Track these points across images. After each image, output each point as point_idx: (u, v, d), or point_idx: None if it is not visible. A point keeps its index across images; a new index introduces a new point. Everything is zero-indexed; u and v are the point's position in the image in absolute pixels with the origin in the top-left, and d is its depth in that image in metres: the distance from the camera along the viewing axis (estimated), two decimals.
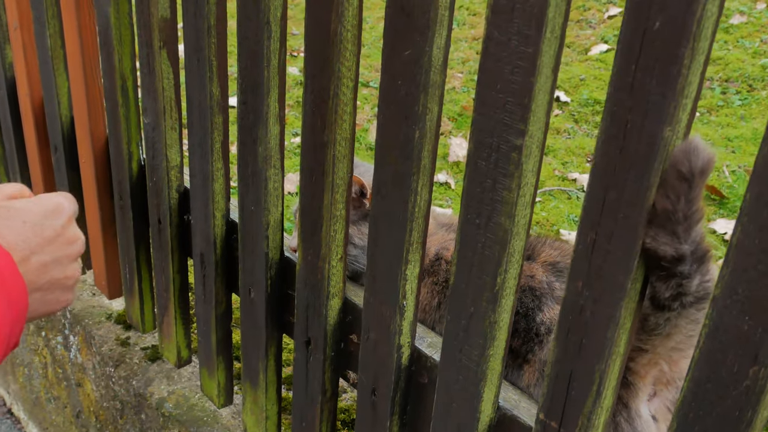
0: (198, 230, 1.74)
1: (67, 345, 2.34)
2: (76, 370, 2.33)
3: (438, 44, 1.13)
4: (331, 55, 1.28)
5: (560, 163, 3.67)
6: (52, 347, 2.45)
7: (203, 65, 1.55)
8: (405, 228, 1.27)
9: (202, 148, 1.63)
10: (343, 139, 1.34)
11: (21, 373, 2.76)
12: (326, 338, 1.52)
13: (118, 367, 2.08)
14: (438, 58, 1.14)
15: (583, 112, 4.18)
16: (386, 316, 1.36)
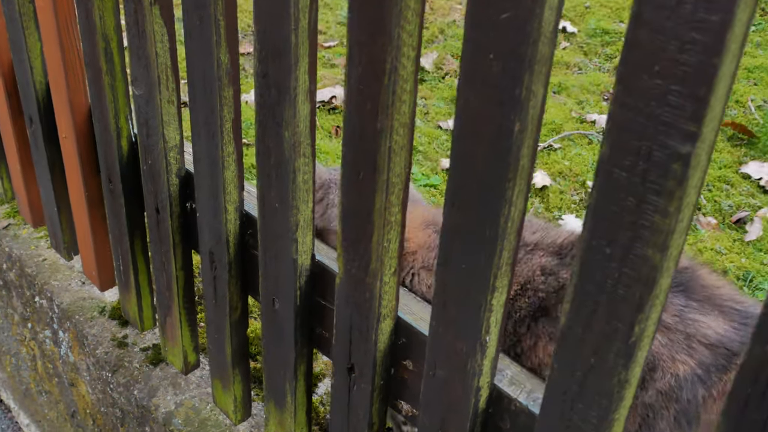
0: (206, 225, 1.42)
1: (57, 341, 2.03)
2: (68, 369, 2.02)
3: (551, 2, 0.80)
4: (388, 15, 0.94)
5: (576, 102, 3.35)
6: (40, 341, 2.14)
7: (207, 26, 1.21)
8: (493, 248, 0.96)
9: (209, 127, 1.30)
10: (402, 126, 1.01)
11: (8, 362, 2.46)
12: (375, 366, 1.22)
13: (117, 373, 1.77)
14: (549, 22, 0.82)
15: (591, 43, 3.84)
16: (462, 353, 1.06)
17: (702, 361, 1.20)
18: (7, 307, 2.27)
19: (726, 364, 1.18)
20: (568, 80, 3.49)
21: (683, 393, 1.20)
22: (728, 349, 1.19)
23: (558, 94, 3.41)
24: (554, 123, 3.18)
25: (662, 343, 1.23)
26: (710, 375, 1.18)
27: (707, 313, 1.24)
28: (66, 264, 2.05)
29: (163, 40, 1.35)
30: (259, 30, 1.11)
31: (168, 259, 1.57)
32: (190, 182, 1.50)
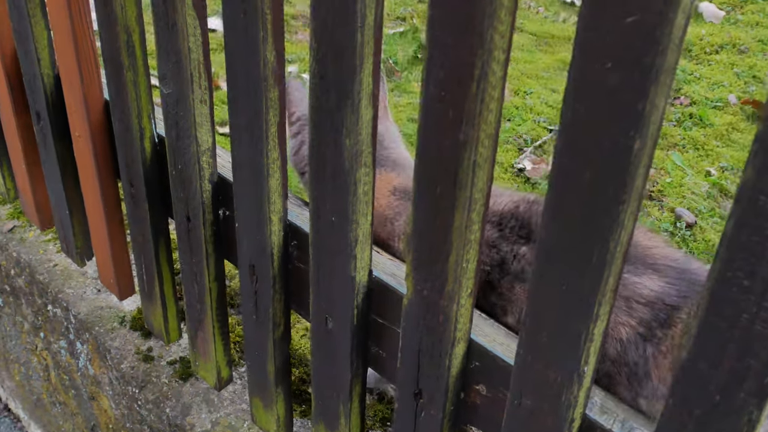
0: (246, 236, 1.29)
1: (74, 352, 1.91)
2: (87, 382, 1.90)
3: (684, 5, 0.68)
4: (480, 13, 0.82)
5: None
6: (53, 351, 2.02)
7: (253, 20, 1.07)
8: (600, 273, 0.85)
9: (252, 132, 1.17)
10: (488, 137, 0.89)
11: (17, 371, 2.34)
12: (447, 392, 1.11)
13: (144, 389, 1.66)
14: (680, 28, 0.70)
15: None
16: (555, 383, 0.95)
17: (642, 319, 1.18)
18: (15, 314, 2.15)
19: (666, 318, 1.16)
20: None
21: (629, 356, 1.18)
22: (667, 304, 1.17)
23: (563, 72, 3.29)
24: None
25: None
26: (653, 331, 1.17)
27: (641, 273, 1.22)
28: (78, 270, 1.92)
29: (196, 34, 1.22)
30: (318, 26, 0.99)
31: (200, 270, 1.45)
32: (223, 188, 1.37)
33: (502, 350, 1.07)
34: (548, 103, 3.04)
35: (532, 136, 2.82)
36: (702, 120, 2.95)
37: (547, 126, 2.91)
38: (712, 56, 3.41)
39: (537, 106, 3.02)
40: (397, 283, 1.17)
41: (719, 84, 3.22)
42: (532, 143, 2.80)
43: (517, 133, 2.83)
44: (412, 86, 3.09)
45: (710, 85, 3.21)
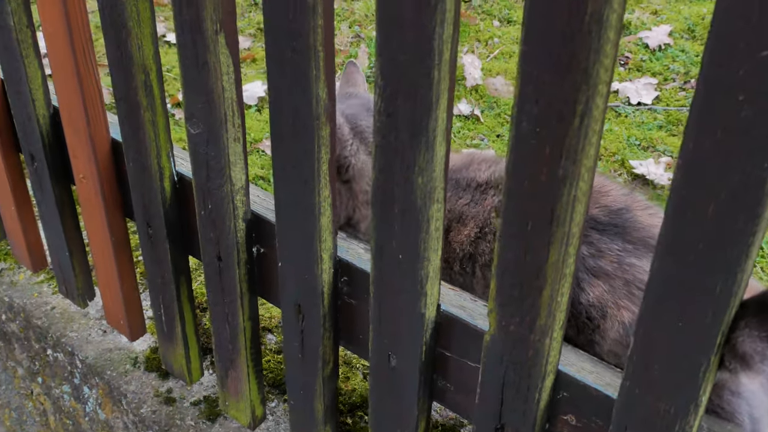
0: (292, 275, 1.24)
1: (80, 397, 1.83)
2: (98, 427, 1.83)
3: None
4: (585, 49, 0.78)
5: None
6: (54, 396, 1.93)
7: (304, 58, 1.02)
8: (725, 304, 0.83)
9: (300, 171, 1.12)
10: (587, 171, 0.86)
11: (7, 416, 2.24)
12: (533, 426, 1.08)
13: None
14: None
15: None
16: (667, 414, 0.94)
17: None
18: (6, 360, 2.05)
19: None
20: None
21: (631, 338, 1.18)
22: None
23: None
24: None
25: (606, 290, 1.23)
26: None
27: (642, 256, 1.23)
28: (79, 311, 1.84)
29: (229, 73, 1.15)
30: (386, 63, 0.94)
31: (233, 310, 1.39)
32: (257, 226, 1.32)
33: (593, 379, 1.05)
34: None
35: None
36: None
37: None
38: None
39: None
40: (467, 316, 1.13)
41: None
42: None
43: None
44: None
45: None
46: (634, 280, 1.22)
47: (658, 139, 2.64)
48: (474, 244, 1.36)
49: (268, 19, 1.03)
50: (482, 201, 1.38)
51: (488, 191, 1.39)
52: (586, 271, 1.24)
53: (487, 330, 1.05)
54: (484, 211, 1.37)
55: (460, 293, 1.19)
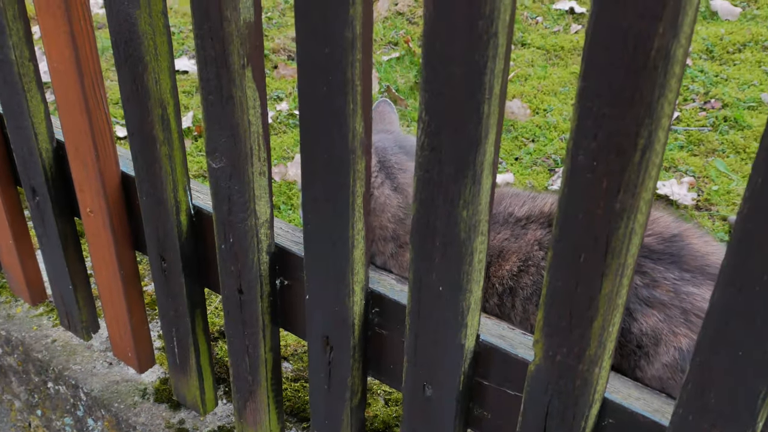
0: (320, 308, 1.23)
1: (83, 429, 1.80)
2: None
3: None
4: (649, 84, 0.78)
5: None
6: (55, 429, 1.89)
7: (340, 93, 1.01)
8: None
9: (334, 204, 1.11)
10: (645, 204, 0.86)
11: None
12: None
13: None
14: None
15: None
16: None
17: None
18: (2, 393, 2.00)
19: None
20: None
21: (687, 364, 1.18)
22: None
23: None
24: None
25: (660, 320, 1.25)
26: None
27: (700, 284, 1.25)
28: (82, 344, 1.80)
29: (256, 107, 1.14)
30: (431, 98, 0.93)
31: (254, 342, 1.37)
32: (280, 258, 1.30)
33: (640, 405, 1.05)
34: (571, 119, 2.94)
35: (561, 156, 2.70)
36: (738, 122, 2.82)
37: None
38: (736, 55, 3.27)
39: (560, 123, 2.88)
40: (507, 345, 1.13)
41: (749, 84, 3.08)
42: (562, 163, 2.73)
43: (545, 153, 2.72)
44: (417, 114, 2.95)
45: (740, 85, 3.07)
46: (693, 308, 1.23)
47: (680, 159, 2.63)
48: (516, 278, 1.36)
49: (303, 53, 1.02)
50: (523, 235, 1.38)
51: (529, 226, 1.39)
52: (639, 301, 1.24)
53: (532, 360, 1.05)
54: (526, 244, 1.37)
55: (498, 322, 1.19)
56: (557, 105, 3.01)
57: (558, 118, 2.94)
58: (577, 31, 3.53)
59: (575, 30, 3.53)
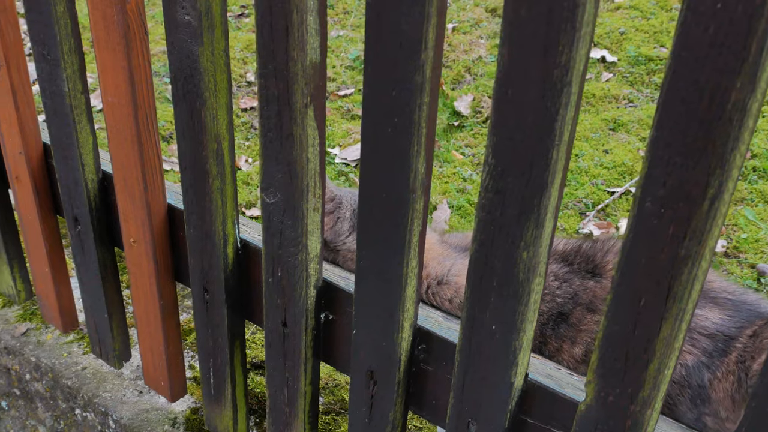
0: (367, 343, 1.25)
1: None
2: None
3: None
4: (723, 136, 0.81)
5: (638, 139, 3.09)
6: None
7: (405, 135, 1.04)
8: None
9: (390, 242, 1.13)
10: (710, 251, 0.89)
11: None
12: None
13: None
14: None
15: (636, 72, 3.56)
16: None
17: (705, 349, 1.29)
18: (26, 418, 2.01)
19: (725, 348, 1.29)
20: (623, 115, 3.25)
21: (692, 379, 1.29)
22: (726, 335, 1.29)
23: (616, 131, 3.16)
24: (624, 165, 2.98)
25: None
26: (713, 360, 1.28)
27: (703, 306, 1.33)
28: (112, 372, 1.81)
29: (315, 145, 1.16)
30: (501, 142, 0.96)
31: (295, 375, 1.39)
32: (327, 293, 1.32)
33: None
34: (603, 165, 2.96)
35: (592, 200, 2.75)
36: (766, 172, 2.87)
37: (605, 188, 2.85)
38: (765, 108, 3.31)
39: (591, 168, 2.94)
40: (555, 384, 1.15)
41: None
42: (594, 207, 2.75)
43: (576, 197, 2.77)
44: (451, 155, 3.01)
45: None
46: (696, 327, 1.31)
47: None
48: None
49: (369, 94, 1.05)
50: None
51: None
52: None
53: (583, 399, 1.07)
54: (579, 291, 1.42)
55: (544, 361, 1.21)
56: (588, 150, 3.06)
57: (589, 163, 2.99)
58: (608, 80, 3.58)
59: (606, 78, 3.59)
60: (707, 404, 1.29)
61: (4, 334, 1.94)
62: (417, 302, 1.20)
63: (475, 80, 3.63)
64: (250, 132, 3.27)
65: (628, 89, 3.51)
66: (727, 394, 1.26)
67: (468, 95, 3.45)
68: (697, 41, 0.77)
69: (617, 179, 2.92)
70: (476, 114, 3.35)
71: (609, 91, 3.47)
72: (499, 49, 0.91)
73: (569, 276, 1.44)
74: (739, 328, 1.30)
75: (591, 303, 1.40)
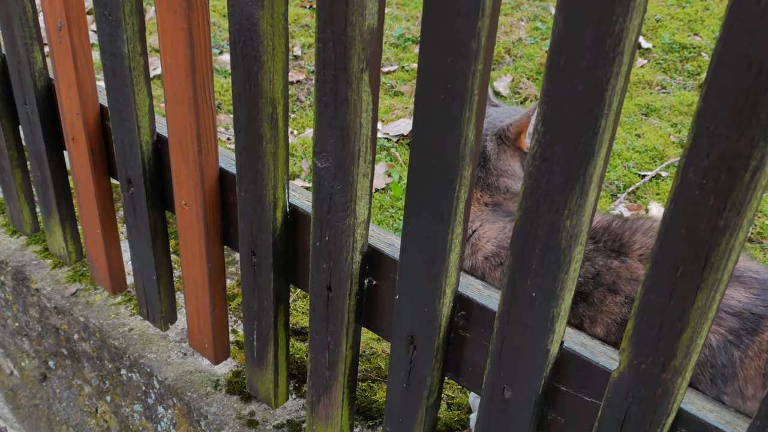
0: (410, 307, 1.29)
1: (152, 417, 1.86)
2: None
3: None
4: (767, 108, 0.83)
5: (670, 125, 3.17)
6: (123, 415, 1.96)
7: (458, 101, 1.07)
8: None
9: (436, 208, 1.17)
10: (748, 222, 0.92)
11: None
12: None
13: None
14: None
15: (670, 59, 3.64)
16: None
17: (731, 328, 1.29)
18: (73, 378, 2.08)
19: (755, 327, 1.29)
20: (656, 101, 3.32)
21: (717, 359, 1.29)
22: (753, 314, 1.29)
23: (648, 116, 3.24)
24: (656, 149, 3.05)
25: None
26: (742, 339, 1.28)
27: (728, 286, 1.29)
28: (158, 333, 1.87)
29: (368, 110, 1.21)
30: (551, 110, 0.99)
31: (337, 338, 1.43)
32: (371, 258, 1.36)
33: (714, 417, 1.10)
34: (635, 148, 3.03)
35: (623, 182, 2.83)
36: None
37: (636, 171, 2.91)
38: None
39: (624, 152, 3.01)
40: (588, 353, 1.18)
41: None
42: (625, 189, 2.82)
43: (608, 179, 2.84)
44: None
45: None
46: (722, 306, 1.32)
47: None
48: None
49: (424, 61, 1.09)
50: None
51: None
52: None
53: (616, 367, 1.10)
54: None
55: (578, 332, 1.24)
56: (621, 134, 3.14)
57: (622, 146, 3.07)
58: (642, 66, 3.65)
59: (641, 64, 3.66)
60: (730, 383, 1.31)
61: (55, 294, 2.00)
62: (459, 269, 1.24)
63: (515, 61, 3.70)
64: (296, 105, 3.35)
65: (661, 76, 3.59)
66: (759, 371, 1.28)
67: (507, 76, 3.52)
68: (748, 13, 0.80)
69: (648, 163, 2.99)
70: (515, 95, 3.43)
71: (643, 76, 3.55)
72: (555, 17, 0.94)
73: (593, 254, 1.45)
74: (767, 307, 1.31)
75: (614, 284, 1.41)
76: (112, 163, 1.77)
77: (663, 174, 2.90)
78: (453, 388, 1.77)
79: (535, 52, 3.77)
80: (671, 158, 2.98)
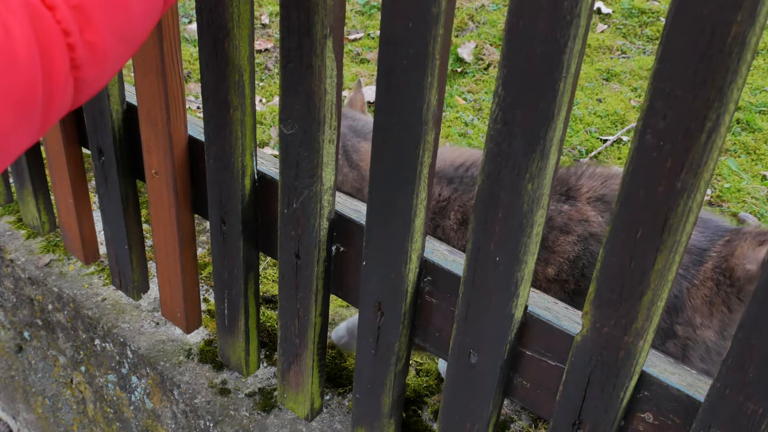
0: (376, 274, 1.29)
1: (126, 386, 1.86)
2: (143, 416, 1.86)
3: None
4: (722, 69, 0.85)
5: (630, 89, 3.21)
6: (97, 385, 1.96)
7: (420, 65, 1.07)
8: None
9: (401, 173, 1.17)
10: (705, 184, 0.93)
11: (39, 404, 2.26)
12: (612, 423, 1.14)
13: (222, 423, 1.63)
14: None
15: (629, 24, 3.69)
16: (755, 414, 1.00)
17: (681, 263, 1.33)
18: (48, 348, 2.08)
19: (700, 259, 1.40)
20: (616, 66, 3.36)
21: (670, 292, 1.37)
22: (698, 248, 1.41)
23: (609, 81, 3.27)
24: (617, 114, 3.10)
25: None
26: (689, 270, 1.39)
27: None
28: (131, 303, 1.87)
29: (332, 76, 1.20)
30: (509, 74, 0.99)
31: (306, 305, 1.44)
32: (339, 225, 1.37)
33: (675, 380, 1.11)
34: (596, 113, 3.06)
35: (586, 147, 2.86)
36: (749, 125, 2.99)
37: (598, 136, 2.94)
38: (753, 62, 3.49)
39: (586, 116, 3.04)
40: (552, 317, 1.19)
41: (761, 89, 3.26)
42: (587, 154, 2.85)
43: (571, 144, 2.88)
44: (454, 100, 3.10)
45: (752, 90, 3.25)
46: None
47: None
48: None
49: (386, 27, 1.08)
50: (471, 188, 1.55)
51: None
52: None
53: (579, 331, 1.11)
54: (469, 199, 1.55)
55: (541, 295, 1.25)
56: (583, 99, 3.19)
57: (583, 111, 3.12)
58: (603, 31, 3.72)
59: (601, 29, 3.73)
60: (680, 313, 1.39)
61: (29, 265, 2.00)
62: (425, 234, 1.24)
63: (478, 28, 3.74)
64: (264, 73, 3.36)
65: (621, 41, 3.64)
66: (705, 300, 1.37)
67: (471, 42, 3.55)
68: None
69: (609, 128, 3.03)
70: (478, 61, 3.46)
71: (603, 42, 3.60)
72: None
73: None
74: (710, 240, 1.41)
75: (565, 225, 1.48)
76: (83, 132, 1.76)
77: (624, 138, 2.95)
78: (422, 354, 1.78)
79: (498, 18, 3.79)
80: (632, 123, 3.02)
